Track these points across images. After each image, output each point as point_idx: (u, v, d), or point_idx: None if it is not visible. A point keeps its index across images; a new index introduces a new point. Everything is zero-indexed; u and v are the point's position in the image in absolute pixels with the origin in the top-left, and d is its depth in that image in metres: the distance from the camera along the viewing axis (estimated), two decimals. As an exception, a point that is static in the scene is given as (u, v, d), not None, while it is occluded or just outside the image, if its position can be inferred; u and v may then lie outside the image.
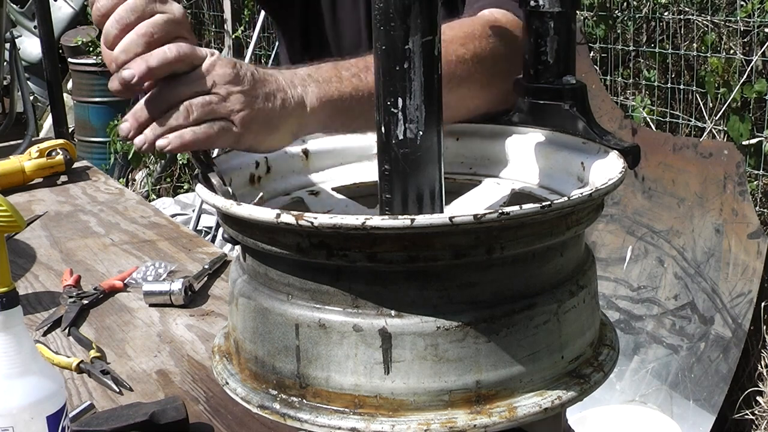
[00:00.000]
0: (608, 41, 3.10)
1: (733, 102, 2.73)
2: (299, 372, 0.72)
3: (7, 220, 0.74)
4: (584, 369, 0.76)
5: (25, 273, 1.54)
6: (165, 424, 1.01)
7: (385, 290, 0.69)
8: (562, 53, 0.86)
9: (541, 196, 0.91)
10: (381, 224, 0.65)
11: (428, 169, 0.74)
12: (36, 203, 1.92)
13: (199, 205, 3.59)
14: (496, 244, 0.68)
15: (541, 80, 0.88)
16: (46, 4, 2.48)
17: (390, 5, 0.70)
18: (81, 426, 1.01)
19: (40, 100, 5.21)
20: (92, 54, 4.91)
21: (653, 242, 2.73)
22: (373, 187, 0.80)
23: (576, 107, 0.88)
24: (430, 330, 0.69)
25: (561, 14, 0.85)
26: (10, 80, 3.12)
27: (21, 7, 5.43)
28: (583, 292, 0.76)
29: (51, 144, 2.08)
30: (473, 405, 0.70)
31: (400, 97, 0.72)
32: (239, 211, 0.71)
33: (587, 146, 0.87)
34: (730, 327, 2.50)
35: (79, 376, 1.18)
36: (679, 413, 2.48)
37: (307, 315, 0.71)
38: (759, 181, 2.73)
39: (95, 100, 4.87)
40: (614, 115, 2.91)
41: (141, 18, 0.80)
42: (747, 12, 2.70)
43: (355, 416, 0.70)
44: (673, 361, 2.58)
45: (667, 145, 2.75)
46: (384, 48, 0.72)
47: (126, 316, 1.37)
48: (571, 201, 0.69)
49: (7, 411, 0.74)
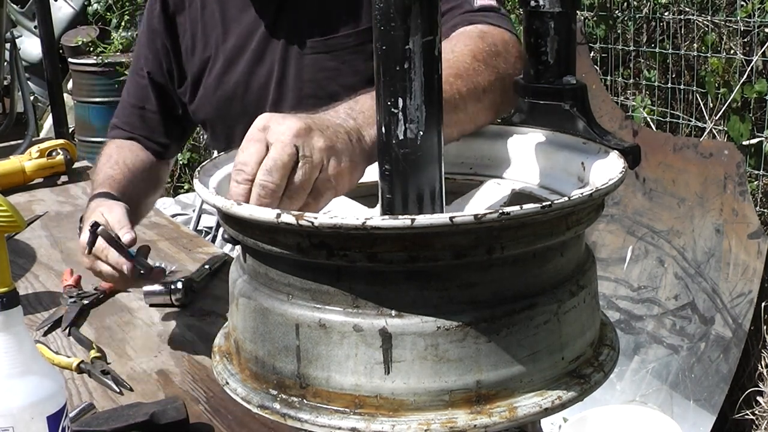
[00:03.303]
0: (608, 41, 3.10)
1: (733, 102, 2.73)
2: (299, 372, 0.72)
3: (7, 220, 0.74)
4: (584, 369, 0.76)
5: (26, 273, 1.54)
6: (165, 424, 1.01)
7: (386, 290, 0.69)
8: (562, 53, 0.86)
9: (542, 196, 0.91)
10: (381, 224, 0.65)
11: (429, 169, 0.74)
12: (36, 203, 1.92)
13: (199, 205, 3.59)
14: (496, 244, 0.68)
15: (542, 80, 0.88)
16: (46, 4, 2.48)
17: (390, 5, 0.70)
18: (81, 426, 1.01)
19: (40, 100, 5.21)
20: (92, 54, 4.90)
21: (653, 242, 2.73)
22: (373, 187, 0.80)
23: (576, 107, 0.88)
24: (431, 330, 0.69)
25: (561, 14, 0.85)
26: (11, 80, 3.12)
27: (21, 7, 5.43)
28: (584, 292, 0.76)
29: (51, 144, 2.09)
30: (473, 405, 0.70)
31: (401, 97, 0.72)
32: (240, 211, 0.71)
33: (587, 146, 0.87)
34: (731, 327, 2.50)
35: (79, 376, 1.18)
36: (679, 413, 2.48)
37: (307, 315, 0.71)
38: (759, 181, 2.72)
39: (95, 100, 4.87)
40: (614, 115, 2.91)
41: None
42: (747, 12, 2.70)
43: (355, 416, 0.70)
44: (674, 361, 2.58)
45: (667, 145, 2.75)
46: (384, 48, 0.72)
47: (126, 316, 1.37)
48: (572, 201, 0.69)
49: (7, 411, 0.74)
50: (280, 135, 0.77)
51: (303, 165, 0.76)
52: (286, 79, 1.37)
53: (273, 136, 0.77)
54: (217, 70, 1.42)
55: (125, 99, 1.56)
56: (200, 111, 1.48)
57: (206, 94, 1.45)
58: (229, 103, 1.42)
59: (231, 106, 1.42)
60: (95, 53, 4.89)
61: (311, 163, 0.77)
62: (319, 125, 0.79)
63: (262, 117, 0.79)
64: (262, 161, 0.76)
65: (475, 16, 1.13)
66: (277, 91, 1.38)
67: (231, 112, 1.43)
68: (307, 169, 0.76)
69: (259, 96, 1.40)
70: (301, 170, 0.76)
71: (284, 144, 0.76)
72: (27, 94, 2.96)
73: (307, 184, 0.77)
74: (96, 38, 4.99)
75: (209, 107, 1.46)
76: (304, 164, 0.76)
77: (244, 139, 0.78)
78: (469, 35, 1.06)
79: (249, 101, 1.40)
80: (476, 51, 1.00)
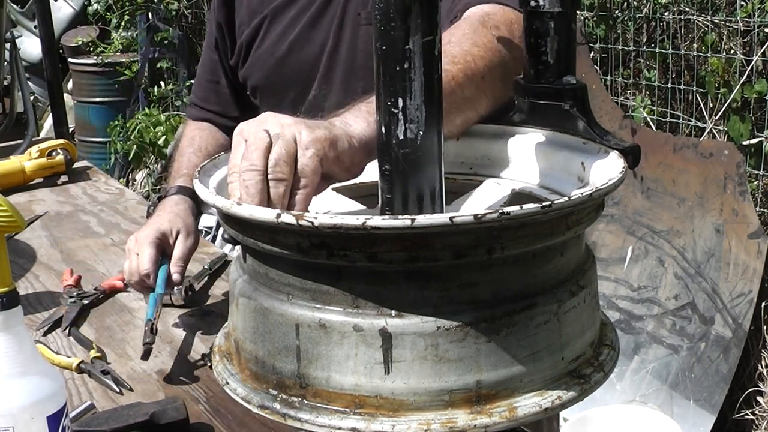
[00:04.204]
0: (608, 41, 3.10)
1: (733, 102, 2.73)
2: (299, 372, 0.72)
3: (8, 220, 0.74)
4: (584, 369, 0.76)
5: (26, 273, 1.54)
6: (165, 424, 1.01)
7: (386, 290, 0.69)
8: (562, 53, 0.86)
9: (542, 196, 0.91)
10: (381, 224, 0.65)
11: (428, 169, 0.74)
12: (36, 203, 1.92)
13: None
14: (496, 244, 0.68)
15: (542, 80, 0.88)
16: (46, 4, 2.48)
17: (390, 5, 0.70)
18: (81, 426, 1.01)
19: (40, 100, 5.21)
20: (92, 54, 4.91)
21: (653, 242, 2.73)
22: (373, 187, 0.80)
23: (576, 107, 0.88)
24: (431, 330, 0.69)
25: (561, 14, 0.85)
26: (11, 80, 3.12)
27: (21, 7, 5.43)
28: (584, 292, 0.76)
29: (51, 144, 2.08)
30: (473, 405, 0.70)
31: (401, 97, 0.72)
32: (240, 211, 0.71)
33: (587, 146, 0.87)
34: (731, 327, 2.50)
35: (79, 376, 1.18)
36: (679, 413, 2.48)
37: (307, 315, 0.71)
38: (759, 181, 2.72)
39: (95, 100, 4.87)
40: (614, 115, 2.91)
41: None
42: (747, 12, 2.70)
43: (355, 416, 0.70)
44: (674, 361, 2.58)
45: (667, 145, 2.75)
46: (384, 48, 0.72)
47: (126, 316, 1.37)
48: (572, 201, 0.69)
49: (7, 411, 0.74)
50: (251, 128, 0.80)
51: (276, 141, 0.78)
52: (339, 48, 1.39)
53: (246, 133, 0.80)
54: (272, 35, 1.45)
55: (200, 75, 1.66)
56: (251, 76, 1.52)
57: (258, 58, 1.49)
58: (280, 68, 1.45)
59: (282, 72, 1.45)
60: (95, 53, 4.90)
61: (284, 138, 0.78)
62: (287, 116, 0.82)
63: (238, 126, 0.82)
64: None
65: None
66: (330, 60, 1.40)
67: (282, 78, 1.46)
68: (281, 143, 0.78)
69: (311, 64, 1.42)
70: (276, 146, 0.78)
71: (255, 132, 0.79)
72: (27, 94, 2.97)
73: (287, 157, 0.77)
74: (96, 38, 4.99)
75: (260, 73, 1.49)
76: (277, 140, 0.78)
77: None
78: (469, 20, 1.06)
79: (300, 69, 1.43)
80: (475, 37, 1.00)
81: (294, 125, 0.79)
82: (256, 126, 0.80)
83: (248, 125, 0.81)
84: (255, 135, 0.79)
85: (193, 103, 1.66)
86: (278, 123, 0.80)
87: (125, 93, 4.86)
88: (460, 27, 1.05)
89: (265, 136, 0.78)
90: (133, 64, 4.80)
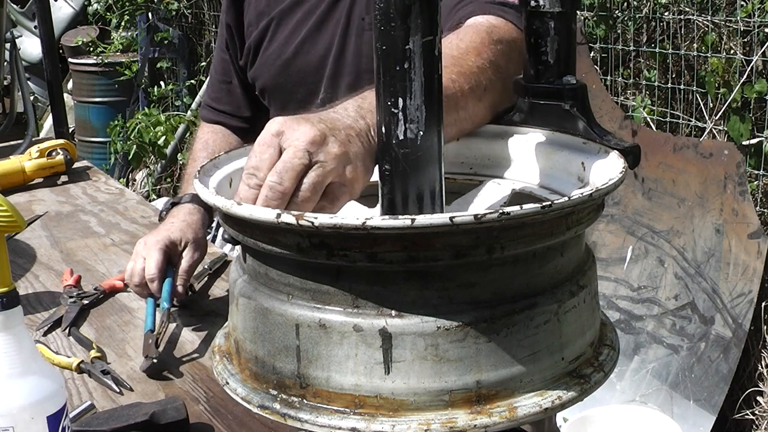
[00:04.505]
0: (608, 41, 3.10)
1: (733, 102, 2.73)
2: (299, 372, 0.72)
3: (8, 220, 0.74)
4: (584, 369, 0.76)
5: (26, 273, 1.54)
6: (165, 424, 1.01)
7: (386, 290, 0.69)
8: (562, 53, 0.86)
9: (542, 196, 0.91)
10: (381, 224, 0.65)
11: (428, 169, 0.74)
12: (36, 203, 1.92)
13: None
14: (496, 244, 0.68)
15: (542, 80, 0.88)
16: (46, 4, 2.48)
17: (390, 5, 0.70)
18: (81, 426, 1.01)
19: (40, 100, 5.21)
20: (92, 54, 4.91)
21: (653, 242, 2.73)
22: (373, 187, 0.80)
23: (576, 107, 0.88)
24: (431, 330, 0.69)
25: (561, 14, 0.85)
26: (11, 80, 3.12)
27: (21, 7, 5.43)
28: (584, 292, 0.76)
29: (51, 144, 2.08)
30: (473, 405, 0.70)
31: (401, 97, 0.72)
32: (240, 211, 0.71)
33: (587, 146, 0.87)
34: (731, 327, 2.50)
35: (79, 376, 1.18)
36: (679, 413, 2.48)
37: (307, 315, 0.71)
38: (759, 181, 2.72)
39: (95, 100, 4.87)
40: (614, 115, 2.91)
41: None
42: (747, 12, 2.69)
43: (355, 416, 0.70)
44: (674, 361, 2.58)
45: (667, 145, 2.75)
46: (384, 48, 0.72)
47: (126, 316, 1.37)
48: (572, 201, 0.69)
49: (7, 411, 0.74)
50: (294, 141, 0.75)
51: (316, 169, 0.75)
52: (345, 52, 1.40)
53: (287, 141, 0.75)
54: (279, 38, 1.47)
55: (213, 75, 1.68)
56: (260, 78, 1.53)
57: (266, 60, 1.50)
58: (287, 70, 1.46)
59: (289, 74, 1.46)
60: (95, 53, 4.90)
61: (324, 168, 0.75)
62: (332, 129, 0.77)
63: (275, 121, 0.77)
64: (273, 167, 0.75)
65: (492, 7, 1.12)
66: (336, 64, 1.41)
67: (289, 80, 1.47)
68: (320, 173, 0.74)
69: (317, 67, 1.43)
70: (313, 173, 0.74)
71: (297, 149, 0.74)
72: (27, 94, 2.96)
73: (318, 187, 0.75)
74: (96, 38, 4.99)
75: (267, 74, 1.51)
76: (317, 168, 0.75)
77: (256, 143, 0.77)
78: (476, 29, 1.05)
79: (306, 71, 1.44)
80: (481, 48, 1.00)
81: (340, 157, 0.75)
82: (300, 140, 0.74)
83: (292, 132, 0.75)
84: (294, 152, 0.74)
85: (206, 104, 1.67)
86: (325, 152, 0.75)
87: (125, 93, 4.87)
88: (467, 34, 1.04)
89: (305, 158, 0.74)
90: (133, 64, 4.80)
